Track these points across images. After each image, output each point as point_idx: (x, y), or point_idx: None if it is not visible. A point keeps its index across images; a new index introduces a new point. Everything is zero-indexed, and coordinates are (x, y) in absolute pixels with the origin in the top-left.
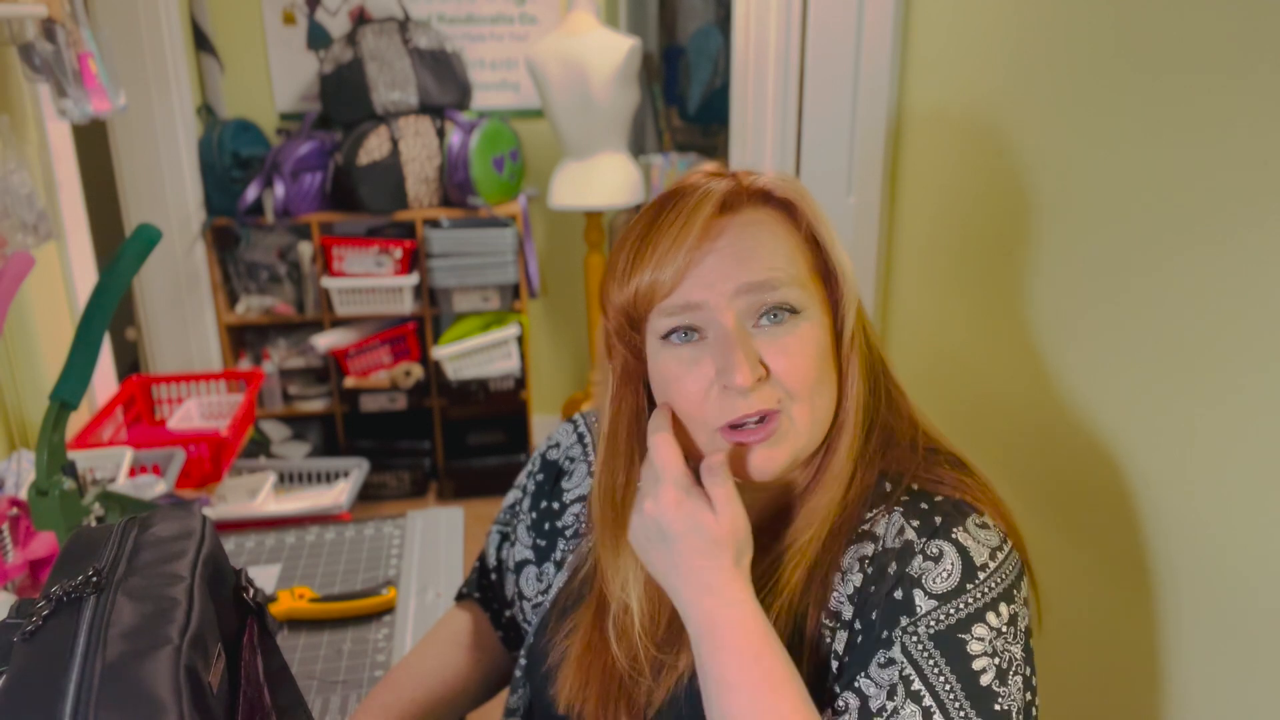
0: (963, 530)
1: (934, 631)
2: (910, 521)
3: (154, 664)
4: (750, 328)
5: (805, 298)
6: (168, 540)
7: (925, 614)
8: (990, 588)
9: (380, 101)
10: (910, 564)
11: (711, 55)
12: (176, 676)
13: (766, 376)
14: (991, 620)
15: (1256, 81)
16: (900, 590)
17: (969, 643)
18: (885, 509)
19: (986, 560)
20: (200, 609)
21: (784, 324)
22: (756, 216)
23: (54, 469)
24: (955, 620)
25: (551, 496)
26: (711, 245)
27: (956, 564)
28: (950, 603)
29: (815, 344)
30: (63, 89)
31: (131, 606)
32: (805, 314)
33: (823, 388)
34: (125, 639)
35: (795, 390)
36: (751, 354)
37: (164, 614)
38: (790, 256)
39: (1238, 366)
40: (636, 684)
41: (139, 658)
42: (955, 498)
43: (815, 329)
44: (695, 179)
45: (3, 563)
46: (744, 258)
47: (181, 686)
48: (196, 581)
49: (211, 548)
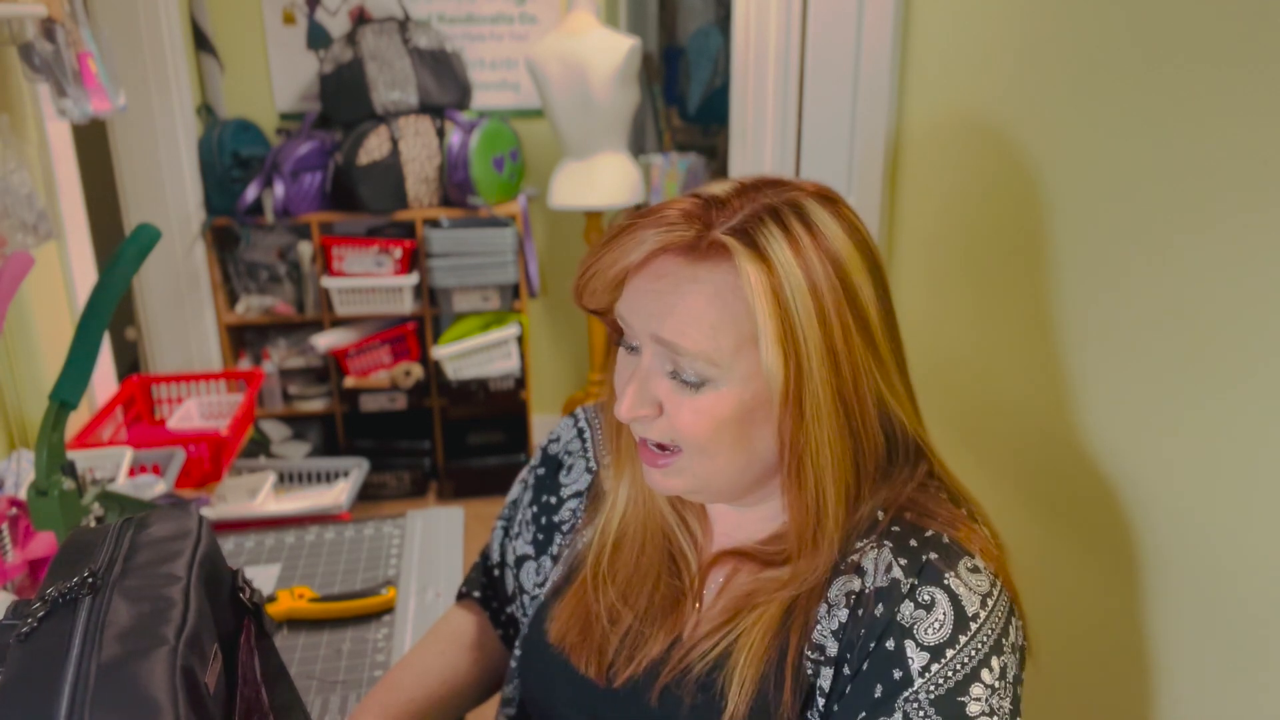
0: (954, 575)
1: (934, 697)
2: (899, 560)
3: (150, 665)
4: (665, 372)
5: (715, 372)
6: (164, 540)
7: (922, 676)
8: (983, 642)
9: (380, 101)
10: (900, 610)
11: (711, 55)
12: (173, 677)
13: (656, 416)
14: (986, 677)
15: (1265, 78)
16: (892, 640)
17: (968, 704)
18: (874, 540)
19: (978, 610)
20: (197, 609)
21: (689, 385)
22: (705, 276)
23: (53, 469)
24: (954, 683)
25: (551, 490)
26: (650, 284)
27: (949, 614)
28: (944, 659)
29: (712, 414)
30: (62, 89)
31: (127, 607)
32: (712, 384)
33: (725, 450)
34: (121, 640)
35: (689, 444)
36: (641, 396)
37: (160, 614)
38: (718, 327)
39: (1251, 368)
40: (607, 640)
41: (135, 658)
42: (945, 536)
43: (720, 401)
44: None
45: (2, 563)
46: (664, 313)
47: (177, 687)
48: (193, 582)
49: (208, 548)
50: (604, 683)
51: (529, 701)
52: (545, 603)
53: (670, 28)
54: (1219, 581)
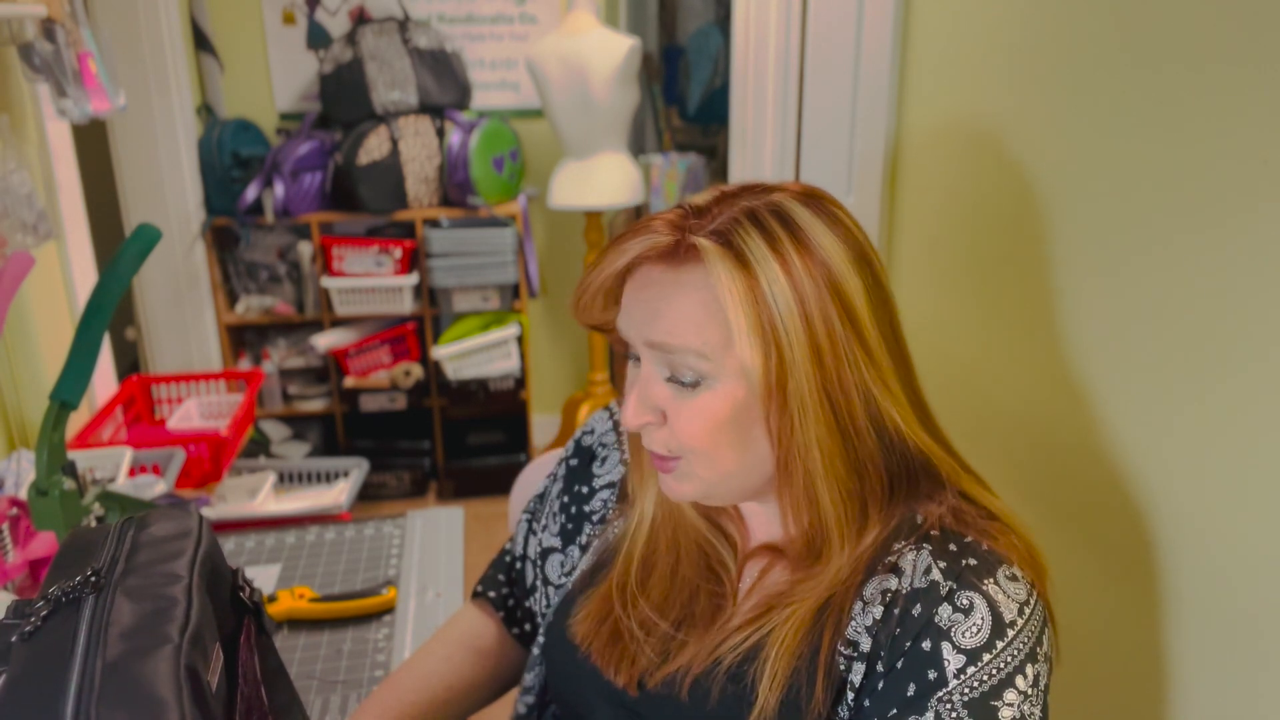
0: (993, 582)
1: (968, 699)
2: (938, 562)
3: (155, 663)
4: (664, 378)
5: (707, 368)
6: (166, 540)
7: (958, 678)
8: (1019, 649)
9: (380, 101)
10: (938, 613)
11: (711, 55)
12: (177, 675)
13: (660, 424)
14: (1020, 684)
15: (1264, 78)
16: (929, 641)
17: (1001, 709)
18: (913, 543)
19: (1015, 617)
20: (199, 608)
21: (685, 388)
22: (687, 279)
23: (54, 469)
24: (988, 687)
25: (583, 480)
26: (639, 294)
27: (986, 619)
28: (980, 663)
29: (709, 415)
30: (62, 89)
31: (131, 606)
32: (707, 382)
33: (728, 450)
34: (125, 638)
35: (689, 448)
36: (642, 404)
37: (163, 613)
38: (704, 325)
39: (1258, 369)
40: (641, 650)
41: (139, 656)
42: (985, 544)
43: (716, 400)
44: (654, 224)
45: (3, 563)
46: (650, 318)
47: (182, 685)
48: (195, 580)
49: (209, 547)
50: (635, 691)
51: (552, 688)
52: (572, 593)
53: (670, 28)
54: (1227, 584)
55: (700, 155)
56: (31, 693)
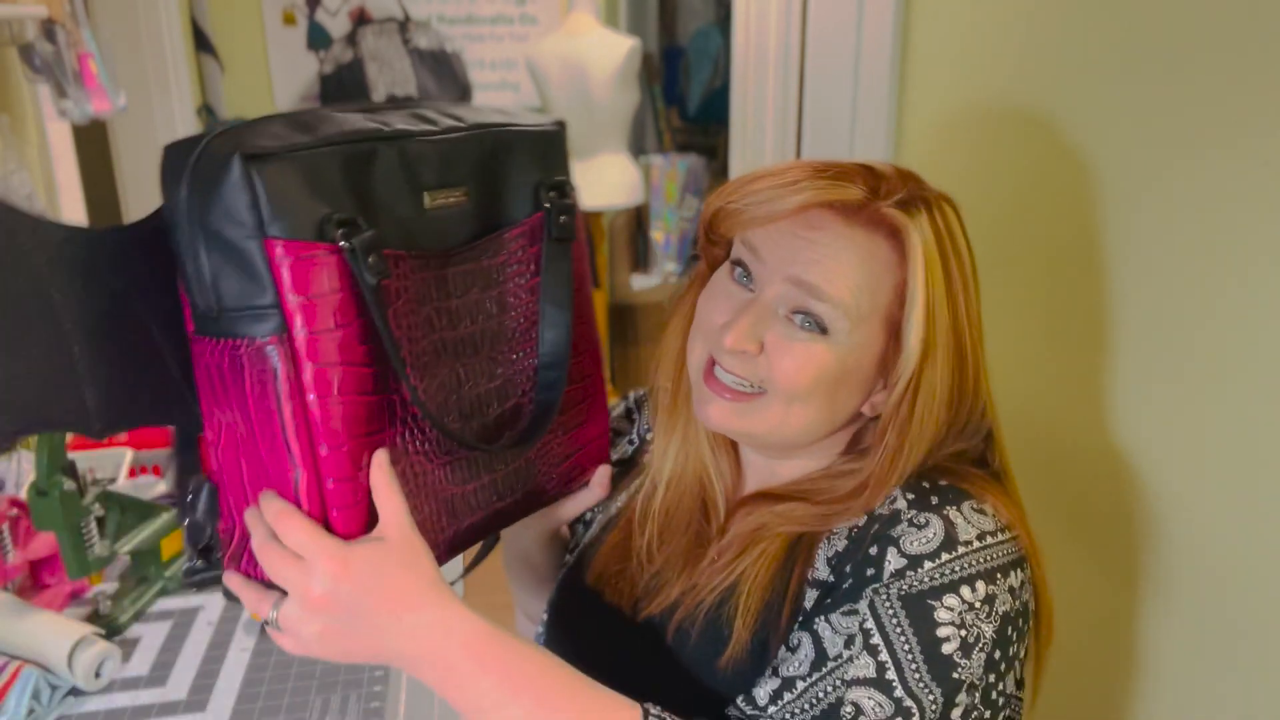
0: (955, 510)
1: (904, 593)
2: (906, 495)
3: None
4: (783, 314)
5: (844, 326)
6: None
7: (897, 575)
8: (969, 564)
9: None
10: (893, 529)
11: (711, 55)
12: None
13: (756, 353)
14: (965, 594)
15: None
16: (875, 547)
17: (937, 610)
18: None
19: (971, 538)
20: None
21: (805, 331)
22: (862, 240)
23: (54, 469)
24: (927, 587)
25: None
26: (804, 232)
27: (939, 534)
28: (922, 567)
29: (818, 365)
30: (63, 89)
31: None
32: (832, 337)
33: (810, 403)
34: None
35: (775, 386)
36: (754, 329)
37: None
38: (860, 288)
39: (1266, 369)
40: (641, 575)
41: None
42: (960, 486)
43: (829, 355)
44: (831, 169)
45: (3, 563)
46: (814, 260)
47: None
48: None
49: None
50: (630, 614)
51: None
52: (583, 551)
53: (670, 28)
54: (1230, 585)
55: (700, 155)
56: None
